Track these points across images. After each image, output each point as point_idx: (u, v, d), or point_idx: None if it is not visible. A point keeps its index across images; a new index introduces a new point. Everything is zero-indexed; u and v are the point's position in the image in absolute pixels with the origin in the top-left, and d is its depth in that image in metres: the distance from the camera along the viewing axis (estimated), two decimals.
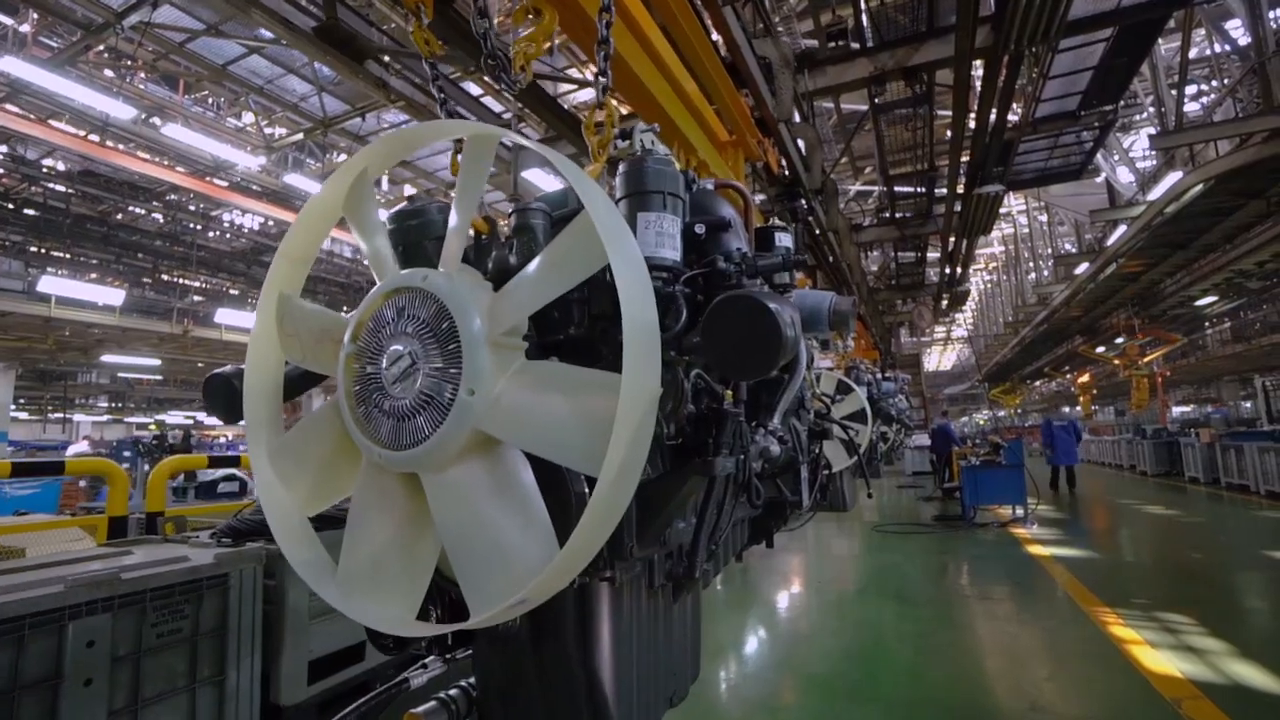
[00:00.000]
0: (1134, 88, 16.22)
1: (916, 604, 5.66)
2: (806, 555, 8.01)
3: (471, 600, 0.97)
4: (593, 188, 0.94)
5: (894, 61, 5.54)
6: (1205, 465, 14.28)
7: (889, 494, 14.64)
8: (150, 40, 11.32)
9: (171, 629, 2.84)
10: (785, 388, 1.92)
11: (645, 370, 0.86)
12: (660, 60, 2.78)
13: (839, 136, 13.51)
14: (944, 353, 50.53)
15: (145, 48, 11.68)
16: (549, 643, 1.32)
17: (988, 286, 36.07)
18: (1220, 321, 26.76)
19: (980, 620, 5.12)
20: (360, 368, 1.11)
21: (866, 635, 4.87)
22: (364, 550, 1.10)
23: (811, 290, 2.33)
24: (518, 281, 1.02)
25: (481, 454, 1.00)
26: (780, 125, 4.64)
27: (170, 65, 12.57)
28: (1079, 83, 10.64)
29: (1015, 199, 24.61)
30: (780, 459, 2.09)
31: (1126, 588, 5.90)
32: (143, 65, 12.62)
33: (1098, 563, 7.12)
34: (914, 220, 10.76)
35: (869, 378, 5.80)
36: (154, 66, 12.59)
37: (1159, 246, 17.01)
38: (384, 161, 1.25)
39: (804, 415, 2.33)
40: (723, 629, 5.14)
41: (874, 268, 16.67)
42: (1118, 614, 5.04)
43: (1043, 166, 14.26)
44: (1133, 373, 24.31)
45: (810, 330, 2.20)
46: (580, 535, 0.84)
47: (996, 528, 9.45)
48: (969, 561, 7.43)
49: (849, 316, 2.12)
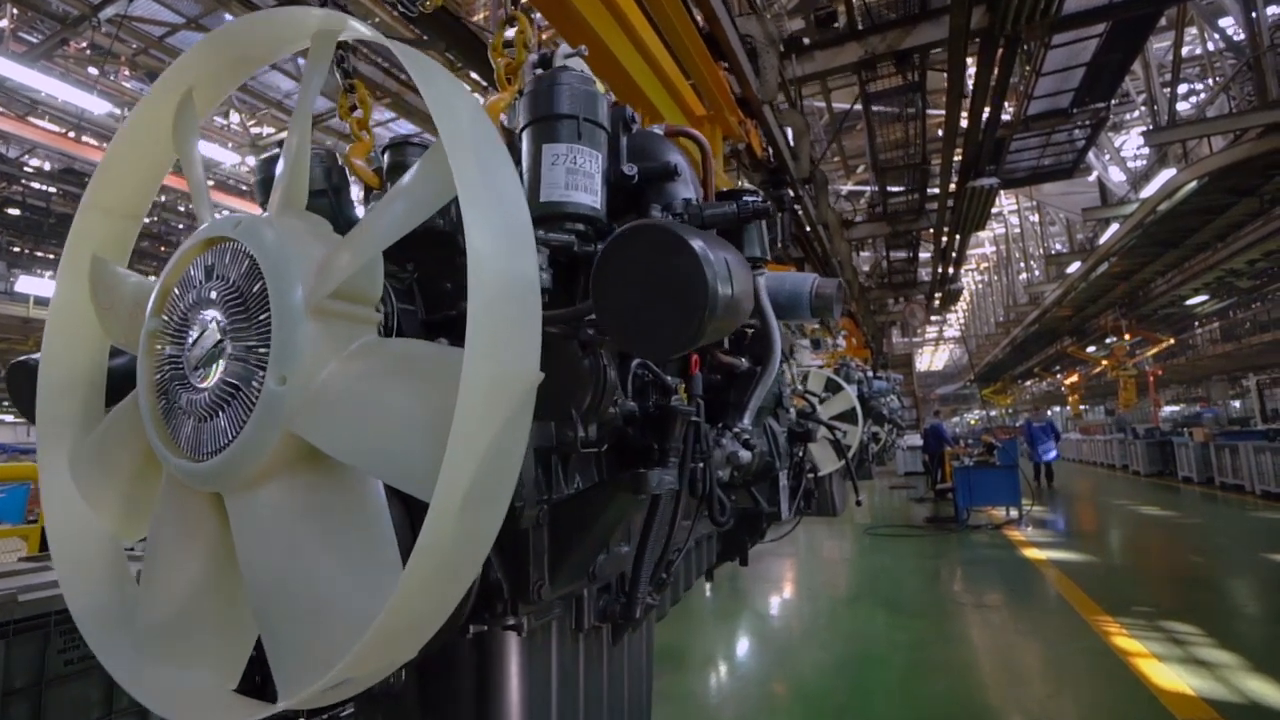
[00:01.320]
0: (1126, 86, 16.15)
1: (909, 613, 5.40)
2: (795, 559, 7.74)
3: (277, 673, 0.68)
4: (450, 89, 0.65)
5: (885, 45, 5.29)
6: (1199, 465, 14.12)
7: (881, 495, 14.41)
8: (129, 35, 10.97)
9: (85, 654, 2.52)
10: (757, 382, 1.64)
11: (506, 346, 0.58)
12: (623, 17, 2.49)
13: (831, 136, 13.29)
14: (935, 353, 50.54)
15: (126, 43, 11.33)
16: (443, 706, 1.03)
17: (979, 287, 36.03)
18: (1210, 321, 26.82)
19: (977, 630, 4.87)
20: (162, 349, 0.82)
21: (856, 648, 4.60)
22: (164, 598, 0.81)
23: (792, 272, 2.06)
24: (358, 227, 0.73)
25: (307, 467, 0.71)
26: (765, 107, 4.37)
27: (151, 62, 12.20)
28: (1072, 79, 10.49)
29: (1007, 199, 24.54)
30: (753, 465, 1.82)
31: (1127, 594, 5.66)
32: (125, 61, 12.24)
33: (1096, 567, 6.89)
34: (906, 216, 10.53)
35: (859, 375, 5.56)
36: (135, 63, 12.21)
37: (1151, 245, 16.93)
38: (215, 82, 0.96)
39: (783, 415, 2.06)
40: (703, 640, 4.86)
41: (865, 268, 16.46)
42: (1120, 624, 4.79)
43: (1035, 164, 14.14)
44: (1120, 373, 24.52)
45: (790, 316, 1.92)
46: (408, 591, 0.55)
47: (990, 530, 9.21)
48: (963, 566, 7.18)
49: (833, 300, 1.85)
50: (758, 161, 4.70)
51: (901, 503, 12.91)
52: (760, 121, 4.44)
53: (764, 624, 5.39)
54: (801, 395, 2.84)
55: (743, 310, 0.76)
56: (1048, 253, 23.52)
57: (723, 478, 1.56)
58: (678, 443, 1.10)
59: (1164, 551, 7.69)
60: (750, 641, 4.94)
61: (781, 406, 1.96)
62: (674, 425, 1.05)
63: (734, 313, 0.72)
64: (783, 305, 1.92)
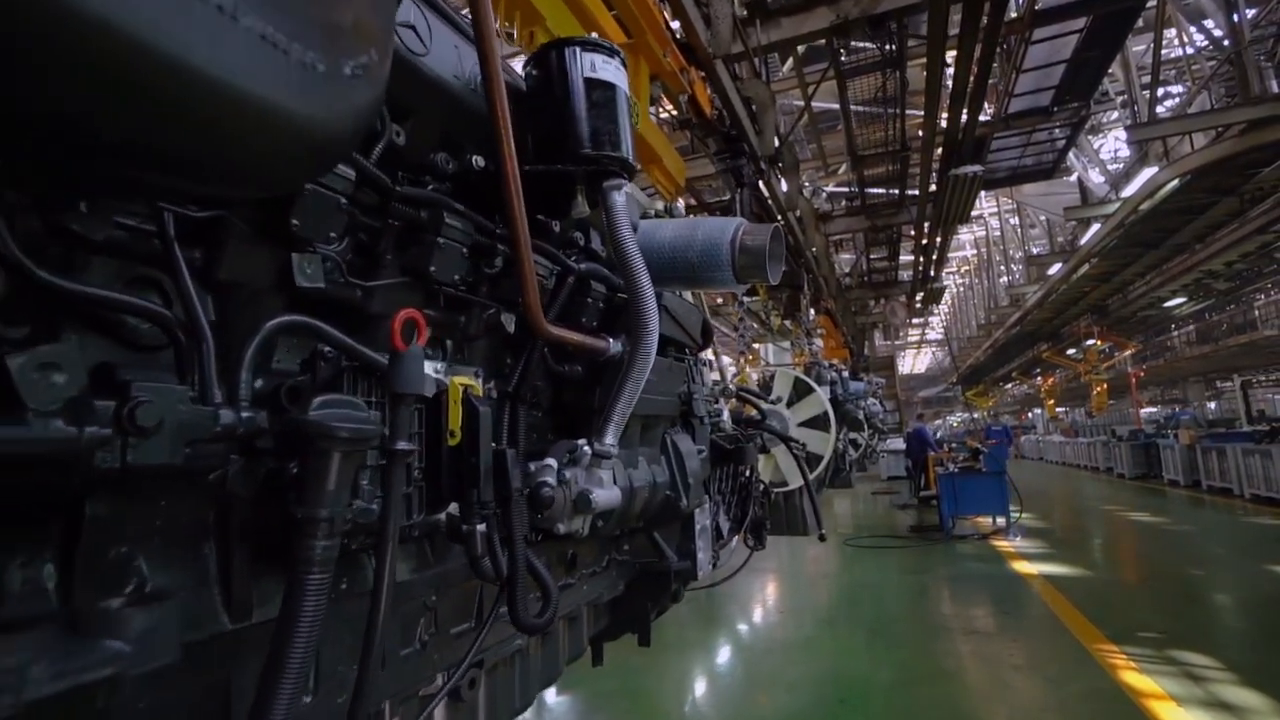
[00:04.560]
0: (1105, 86, 16.04)
1: (892, 641, 4.82)
2: (767, 575, 7.15)
3: None
4: None
5: (859, 9, 4.75)
6: (1185, 468, 13.81)
7: (862, 502, 13.92)
8: None
9: None
10: (624, 376, 1.04)
11: None
12: None
13: (810, 136, 12.83)
14: (918, 356, 50.56)
15: None
16: None
17: (960, 290, 36.00)
18: (1186, 324, 26.99)
19: (968, 664, 4.30)
20: None
21: (831, 690, 4.00)
22: None
23: (711, 218, 1.46)
24: None
25: None
26: (717, 63, 3.78)
27: None
28: (1052, 76, 10.24)
29: (987, 202, 24.43)
30: (638, 505, 1.22)
31: (1129, 616, 5.14)
32: None
33: (1092, 583, 6.38)
34: (886, 209, 10.02)
35: (833, 376, 5.00)
36: None
37: (1131, 246, 16.84)
38: None
39: (701, 426, 1.46)
40: (653, 678, 4.23)
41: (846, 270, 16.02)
42: (1126, 654, 4.26)
43: (1015, 165, 13.89)
44: (1092, 377, 24.82)
45: (705, 279, 1.33)
46: None
47: (977, 539, 8.72)
48: (950, 583, 6.63)
49: (765, 255, 1.25)
50: (708, 123, 4.08)
51: (884, 510, 12.40)
52: (710, 77, 3.84)
53: (727, 655, 4.78)
54: (741, 397, 2.23)
55: None
56: (1029, 255, 23.39)
57: (564, 528, 0.95)
58: (330, 485, 0.50)
59: (1160, 563, 7.22)
60: (709, 679, 4.33)
61: (694, 414, 1.35)
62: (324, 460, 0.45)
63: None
64: (693, 264, 1.32)
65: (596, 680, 3.87)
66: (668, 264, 1.39)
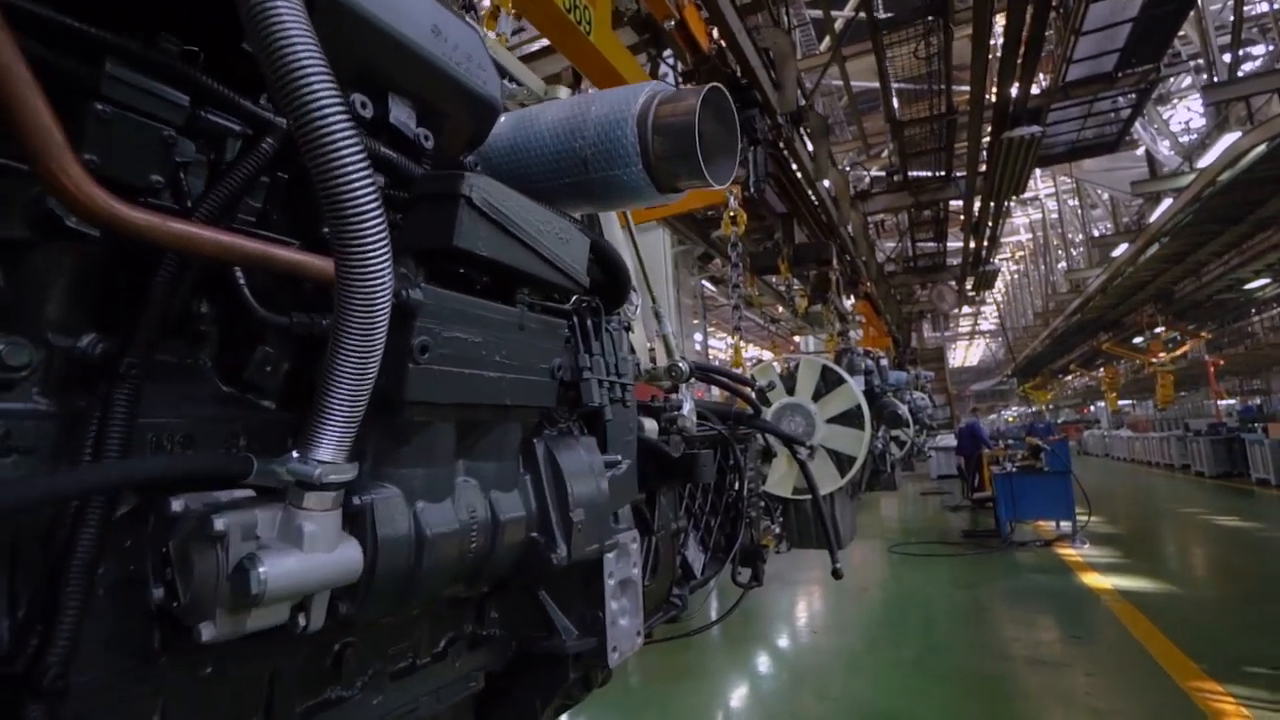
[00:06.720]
0: (1175, 47, 14.59)
1: (941, 675, 4.15)
2: (798, 587, 6.51)
3: None
4: None
5: None
6: (1277, 465, 12.42)
7: (911, 502, 13.04)
8: None
9: None
10: (340, 320, 0.53)
11: None
12: None
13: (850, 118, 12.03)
14: (969, 348, 48.34)
15: None
16: None
17: (1015, 277, 34.08)
18: (1269, 306, 24.81)
19: (1034, 707, 3.62)
20: None
21: None
22: None
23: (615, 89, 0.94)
24: None
25: None
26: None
27: None
28: (1116, 38, 9.15)
29: (1044, 182, 22.83)
30: (365, 576, 0.68)
31: (1231, 644, 4.33)
32: None
33: (1178, 601, 5.53)
34: (930, 184, 9.13)
35: (868, 365, 4.35)
36: None
37: (1208, 222, 15.35)
38: None
39: (620, 426, 0.91)
40: (652, 714, 3.70)
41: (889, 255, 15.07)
42: (1234, 696, 3.50)
43: (1075, 139, 12.71)
44: (1157, 369, 23.25)
45: (604, 178, 0.80)
46: None
47: (1039, 547, 7.87)
48: (1009, 600, 5.87)
49: (689, 135, 0.70)
50: (703, 57, 3.44)
51: (934, 512, 11.52)
52: (709, 7, 3.23)
53: (747, 691, 4.21)
54: (711, 380, 1.68)
55: None
56: (1090, 237, 21.77)
57: (210, 631, 0.44)
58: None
59: (1260, 578, 6.25)
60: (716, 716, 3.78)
61: (589, 402, 0.82)
62: None
63: None
64: (584, 160, 0.80)
65: (647, 704, 3.36)
66: (550, 164, 0.86)
